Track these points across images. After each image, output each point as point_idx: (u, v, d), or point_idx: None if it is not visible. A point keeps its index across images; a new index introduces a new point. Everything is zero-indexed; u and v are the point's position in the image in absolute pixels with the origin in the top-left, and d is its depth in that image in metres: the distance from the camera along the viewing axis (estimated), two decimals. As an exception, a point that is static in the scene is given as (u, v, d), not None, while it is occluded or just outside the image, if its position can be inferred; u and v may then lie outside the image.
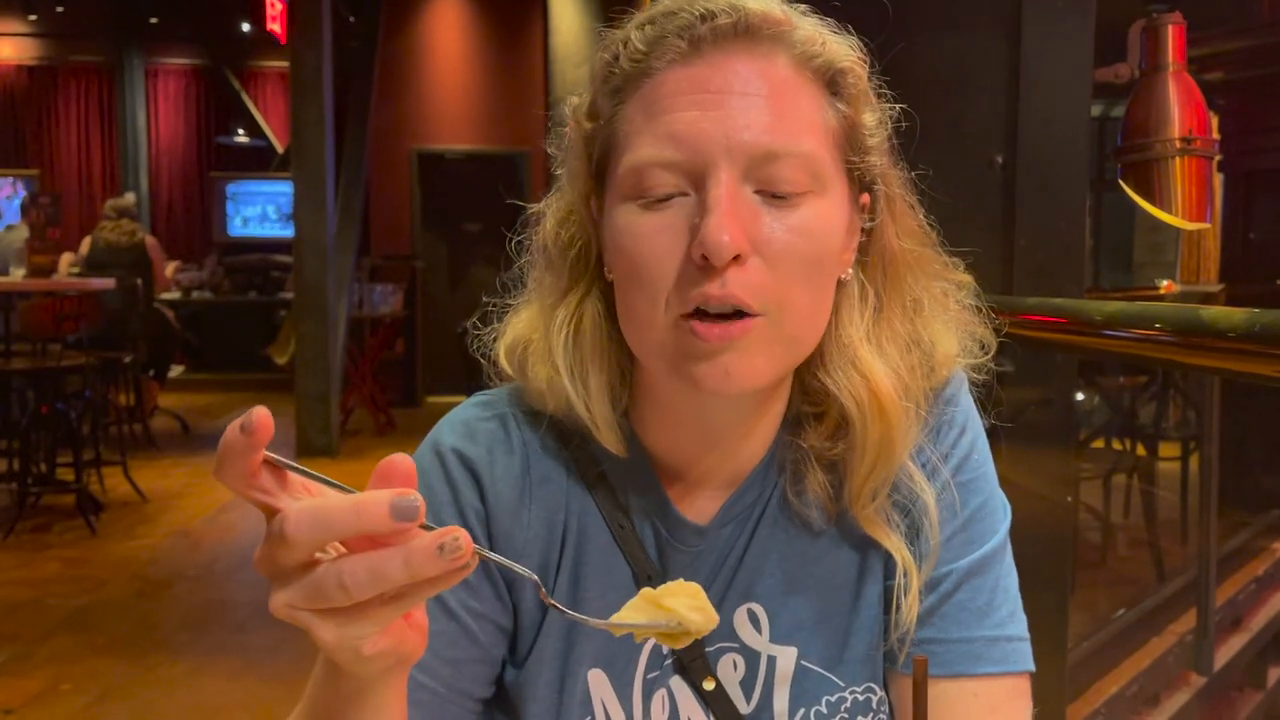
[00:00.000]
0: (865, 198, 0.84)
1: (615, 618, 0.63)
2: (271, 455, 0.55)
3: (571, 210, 0.87)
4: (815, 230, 0.77)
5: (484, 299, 0.93)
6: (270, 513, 0.55)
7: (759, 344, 0.76)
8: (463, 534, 0.53)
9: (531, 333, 0.88)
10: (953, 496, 0.86)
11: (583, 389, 0.84)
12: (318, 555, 0.55)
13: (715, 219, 0.73)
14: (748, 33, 0.77)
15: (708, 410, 0.84)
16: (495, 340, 0.90)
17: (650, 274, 0.77)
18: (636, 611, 0.63)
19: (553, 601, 0.64)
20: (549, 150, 0.90)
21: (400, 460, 0.56)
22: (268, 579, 0.57)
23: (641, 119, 0.78)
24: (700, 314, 0.75)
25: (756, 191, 0.76)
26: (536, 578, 0.62)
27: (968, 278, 0.92)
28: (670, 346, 0.78)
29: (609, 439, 0.85)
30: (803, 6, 0.82)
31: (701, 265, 0.74)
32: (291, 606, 0.56)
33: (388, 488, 0.54)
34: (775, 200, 0.76)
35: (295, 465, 0.57)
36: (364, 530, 0.53)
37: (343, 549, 0.56)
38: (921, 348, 0.86)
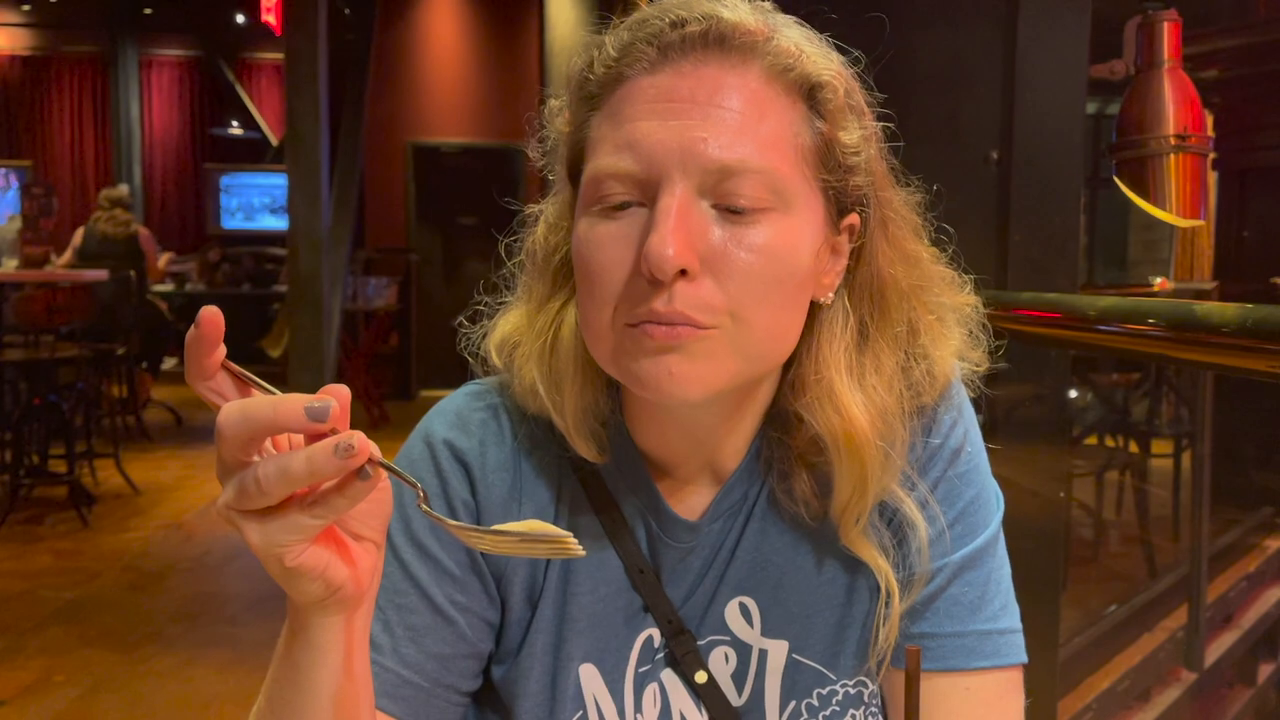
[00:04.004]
0: (853, 219, 0.81)
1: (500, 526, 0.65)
2: (237, 368, 0.62)
3: (560, 216, 0.87)
4: (774, 249, 0.74)
5: (475, 297, 0.92)
6: None
7: (709, 353, 0.75)
8: (359, 438, 0.57)
9: (519, 333, 0.88)
10: (945, 491, 0.86)
11: (558, 398, 0.83)
12: (254, 459, 0.59)
13: (660, 233, 0.71)
14: (719, 42, 0.75)
15: (681, 411, 0.83)
16: (484, 337, 0.90)
17: (601, 283, 0.76)
18: (520, 525, 0.66)
19: (432, 513, 0.65)
20: (529, 153, 0.89)
21: (338, 387, 0.60)
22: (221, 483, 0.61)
23: (607, 127, 0.77)
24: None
25: (714, 206, 0.74)
26: (419, 484, 0.65)
27: (974, 299, 0.89)
28: (618, 350, 0.76)
29: (584, 449, 0.84)
30: (790, 17, 0.80)
31: (650, 279, 0.72)
32: (227, 507, 0.60)
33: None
34: (732, 216, 0.74)
35: (261, 382, 0.62)
36: (280, 425, 0.57)
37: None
38: (913, 374, 0.84)
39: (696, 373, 0.75)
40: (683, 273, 0.72)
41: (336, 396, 0.59)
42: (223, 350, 0.60)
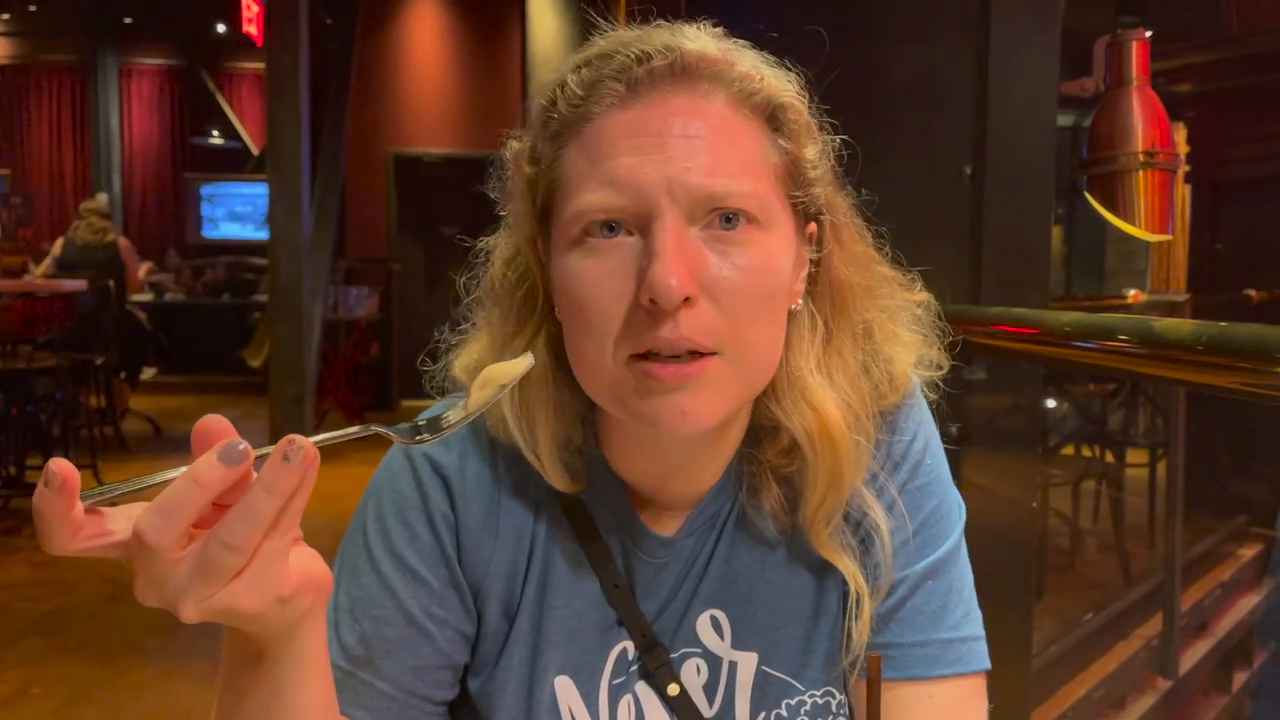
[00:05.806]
0: (812, 228, 0.84)
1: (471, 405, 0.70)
2: (91, 502, 0.56)
3: (518, 251, 0.87)
4: (763, 267, 0.77)
5: (435, 336, 0.92)
6: (118, 551, 0.57)
7: (714, 383, 0.76)
8: (296, 437, 0.56)
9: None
10: (906, 503, 0.87)
11: (530, 436, 0.84)
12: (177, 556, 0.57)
13: (662, 263, 0.72)
14: (684, 73, 0.77)
15: (668, 442, 0.84)
16: (446, 371, 0.90)
17: (598, 318, 0.76)
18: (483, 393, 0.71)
19: (427, 436, 0.67)
20: (490, 194, 0.89)
21: (210, 420, 0.58)
22: (164, 606, 0.59)
23: (584, 164, 0.77)
24: (652, 356, 0.75)
25: (703, 231, 0.76)
26: (378, 428, 0.66)
27: (925, 295, 0.92)
28: (622, 387, 0.77)
29: (558, 482, 0.85)
30: (741, 41, 0.81)
31: (650, 309, 0.73)
32: (202, 601, 0.58)
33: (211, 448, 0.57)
34: (722, 240, 0.76)
35: (107, 490, 0.57)
36: (211, 493, 0.56)
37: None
38: (873, 373, 0.86)
39: (707, 406, 0.76)
40: (686, 300, 0.73)
41: (217, 429, 0.57)
42: (79, 500, 0.55)
